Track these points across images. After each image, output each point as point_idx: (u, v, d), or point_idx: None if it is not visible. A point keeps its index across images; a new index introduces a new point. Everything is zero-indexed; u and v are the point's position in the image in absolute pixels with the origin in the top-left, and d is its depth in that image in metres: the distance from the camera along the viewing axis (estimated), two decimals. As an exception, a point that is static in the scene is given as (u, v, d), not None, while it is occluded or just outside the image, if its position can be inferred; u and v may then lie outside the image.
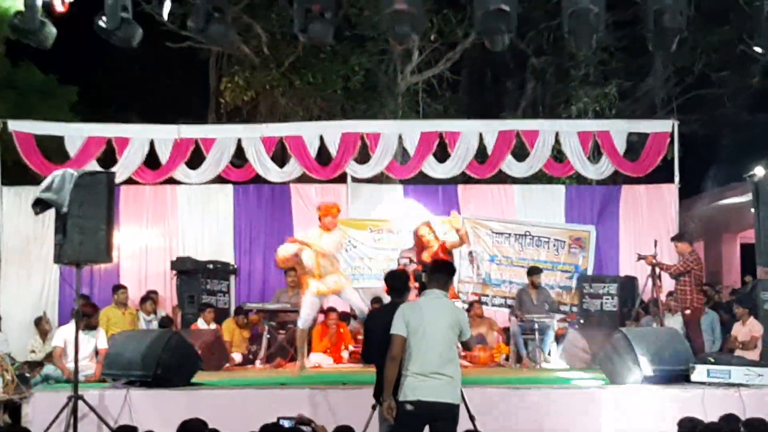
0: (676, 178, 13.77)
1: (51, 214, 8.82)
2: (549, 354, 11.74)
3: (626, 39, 17.12)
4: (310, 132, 13.93)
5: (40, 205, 8.71)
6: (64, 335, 10.29)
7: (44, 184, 8.60)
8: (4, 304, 13.16)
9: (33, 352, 12.00)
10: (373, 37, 17.04)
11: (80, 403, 8.26)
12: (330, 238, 9.91)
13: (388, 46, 16.98)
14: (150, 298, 12.70)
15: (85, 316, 10.40)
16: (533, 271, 12.60)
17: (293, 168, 13.81)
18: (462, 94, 19.59)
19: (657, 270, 11.43)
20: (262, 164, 13.72)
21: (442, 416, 6.36)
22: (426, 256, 10.26)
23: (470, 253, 12.30)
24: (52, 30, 8.52)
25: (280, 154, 14.25)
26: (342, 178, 13.95)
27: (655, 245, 11.68)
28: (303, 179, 14.17)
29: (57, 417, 8.21)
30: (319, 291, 9.83)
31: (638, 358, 8.59)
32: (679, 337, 9.48)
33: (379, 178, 14.61)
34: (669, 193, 13.86)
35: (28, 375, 10.76)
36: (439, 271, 6.81)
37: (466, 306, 12.18)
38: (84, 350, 10.10)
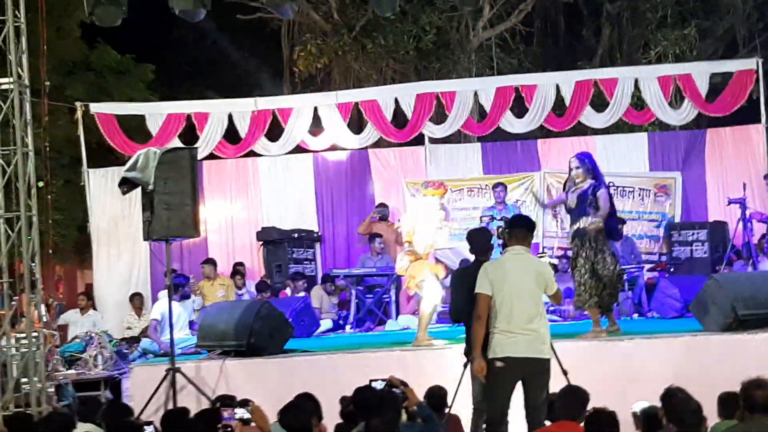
0: (763, 118, 13.30)
1: (137, 192, 9.01)
2: (639, 304, 11.58)
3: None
4: (384, 95, 13.87)
5: (126, 185, 8.89)
6: (161, 308, 10.55)
7: (129, 163, 8.78)
8: (97, 283, 13.54)
9: (129, 328, 12.32)
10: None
11: (178, 375, 8.48)
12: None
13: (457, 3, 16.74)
14: (238, 271, 12.89)
15: (178, 286, 10.67)
16: None
17: (370, 133, 13.79)
18: (536, 47, 19.25)
19: (747, 212, 11.16)
20: (339, 131, 13.73)
21: (533, 371, 6.35)
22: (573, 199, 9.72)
23: (554, 207, 12.14)
24: None
25: (356, 120, 14.26)
26: (419, 140, 13.89)
27: (744, 188, 11.38)
28: (380, 143, 14.17)
29: (156, 390, 8.45)
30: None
31: (732, 304, 8.39)
32: (774, 280, 9.24)
33: (457, 137, 14.51)
34: (756, 133, 13.38)
35: (126, 351, 11.07)
36: (519, 227, 6.76)
37: (555, 261, 12.02)
38: (181, 320, 10.41)
